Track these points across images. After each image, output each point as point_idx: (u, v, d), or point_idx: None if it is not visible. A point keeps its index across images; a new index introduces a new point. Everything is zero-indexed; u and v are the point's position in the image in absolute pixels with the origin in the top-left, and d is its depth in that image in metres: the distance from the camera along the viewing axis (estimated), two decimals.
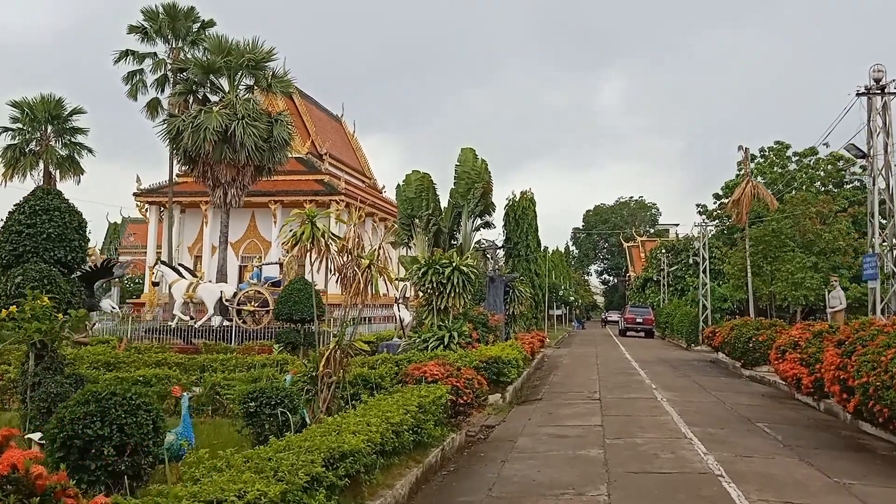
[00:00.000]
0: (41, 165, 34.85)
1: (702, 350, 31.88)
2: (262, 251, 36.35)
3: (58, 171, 35.26)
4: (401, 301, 20.26)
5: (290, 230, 8.95)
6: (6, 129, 34.36)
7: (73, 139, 35.77)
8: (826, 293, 22.61)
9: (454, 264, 15.46)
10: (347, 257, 8.92)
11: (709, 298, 35.02)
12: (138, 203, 41.25)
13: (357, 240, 8.91)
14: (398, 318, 19.55)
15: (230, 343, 20.86)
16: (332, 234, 8.95)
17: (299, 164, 38.66)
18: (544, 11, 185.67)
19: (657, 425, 11.14)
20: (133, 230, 63.69)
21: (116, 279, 23.02)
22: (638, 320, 49.04)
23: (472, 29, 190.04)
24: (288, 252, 12.14)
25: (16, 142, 34.52)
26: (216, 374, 10.74)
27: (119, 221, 68.04)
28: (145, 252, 43.19)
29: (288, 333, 17.77)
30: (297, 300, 18.24)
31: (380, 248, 9.03)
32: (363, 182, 47.00)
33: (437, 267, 15.45)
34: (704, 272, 36.01)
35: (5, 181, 34.58)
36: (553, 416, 12.22)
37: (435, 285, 15.35)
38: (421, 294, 16.64)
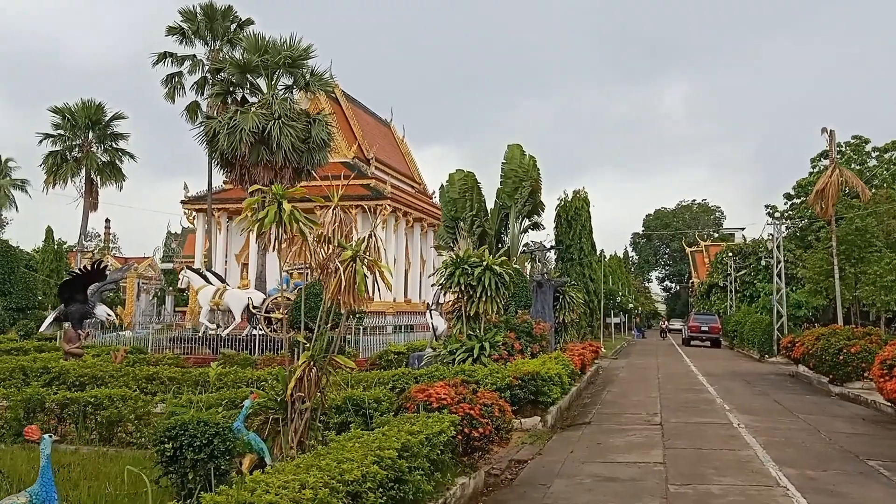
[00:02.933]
0: (83, 172, 34.58)
1: (777, 362, 28.97)
2: None
3: (99, 177, 34.98)
4: (433, 307, 18.22)
5: (254, 212, 7.05)
6: (48, 136, 34.29)
7: (114, 145, 35.55)
8: None
9: (485, 263, 13.21)
10: (327, 248, 6.99)
11: (784, 305, 31.83)
12: (185, 211, 41.10)
13: (339, 224, 6.95)
14: (431, 325, 17.54)
15: (253, 353, 19.33)
16: (308, 218, 7.01)
17: (345, 168, 37.63)
18: (605, 19, 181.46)
19: (737, 464, 8.72)
20: (192, 239, 64.75)
21: (112, 284, 22.18)
22: (703, 328, 46.19)
23: (531, 37, 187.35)
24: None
25: (58, 148, 34.35)
26: (182, 394, 8.94)
27: (179, 231, 69.17)
28: (193, 260, 43.14)
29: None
30: (313, 306, 16.35)
31: (370, 236, 7.03)
32: (412, 187, 45.68)
33: (466, 267, 13.19)
34: (779, 276, 32.72)
35: (47, 188, 34.42)
36: (602, 448, 9.91)
37: (464, 288, 13.11)
38: (451, 298, 14.49)
